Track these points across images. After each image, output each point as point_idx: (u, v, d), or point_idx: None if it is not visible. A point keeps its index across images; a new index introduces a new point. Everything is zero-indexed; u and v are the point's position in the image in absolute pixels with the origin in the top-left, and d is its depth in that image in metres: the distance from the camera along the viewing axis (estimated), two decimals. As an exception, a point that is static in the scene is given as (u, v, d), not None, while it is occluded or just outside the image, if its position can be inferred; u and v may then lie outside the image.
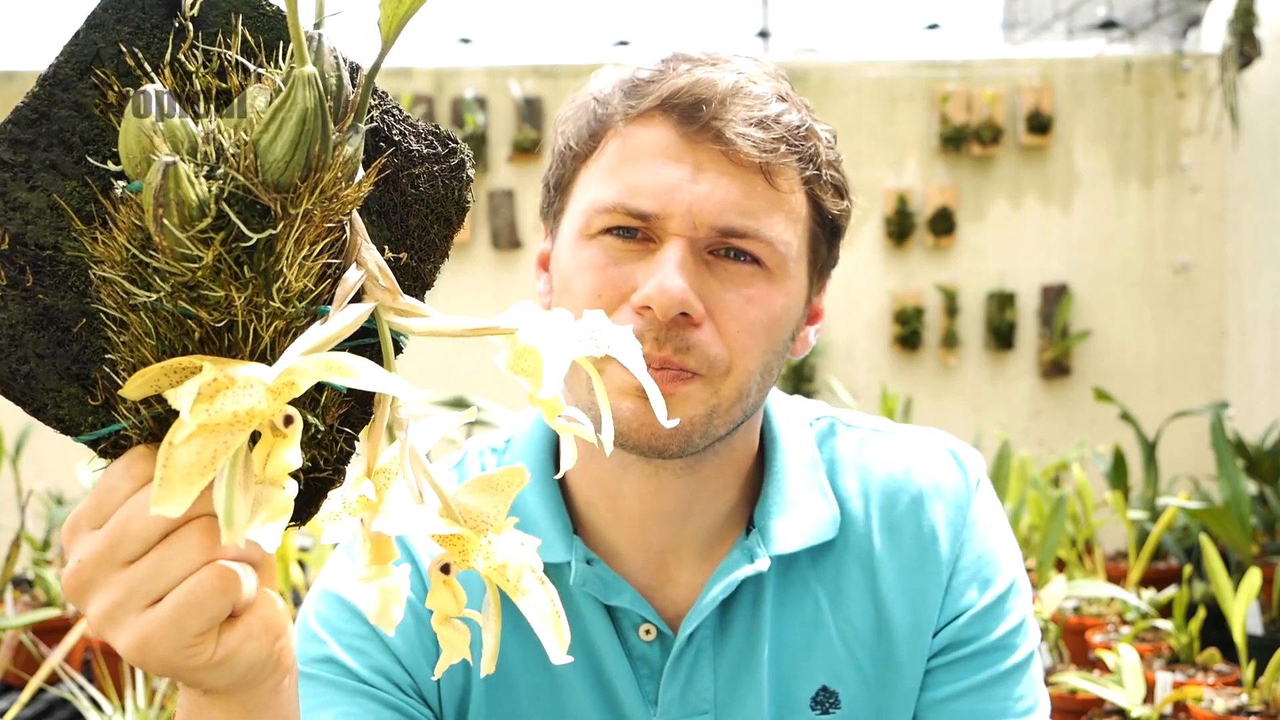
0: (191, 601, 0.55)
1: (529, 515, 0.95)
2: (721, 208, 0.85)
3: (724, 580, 0.92)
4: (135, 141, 0.54)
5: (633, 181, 0.86)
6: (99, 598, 0.56)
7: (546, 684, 0.95)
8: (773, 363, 0.90)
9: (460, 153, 0.63)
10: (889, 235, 4.40)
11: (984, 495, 1.00)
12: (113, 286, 0.55)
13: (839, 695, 0.95)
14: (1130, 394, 4.20)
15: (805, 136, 0.89)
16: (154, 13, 0.58)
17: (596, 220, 0.88)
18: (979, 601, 0.96)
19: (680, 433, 0.87)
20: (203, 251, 0.52)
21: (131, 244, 0.54)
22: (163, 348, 0.54)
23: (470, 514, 0.55)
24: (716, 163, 0.86)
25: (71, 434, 0.58)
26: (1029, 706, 0.96)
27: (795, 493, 0.96)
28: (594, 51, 4.49)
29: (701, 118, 0.85)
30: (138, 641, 0.55)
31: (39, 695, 2.29)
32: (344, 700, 0.91)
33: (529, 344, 0.56)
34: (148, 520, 0.55)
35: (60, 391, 0.57)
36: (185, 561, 0.55)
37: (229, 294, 0.53)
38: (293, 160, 0.53)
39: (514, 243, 4.39)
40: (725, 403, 0.87)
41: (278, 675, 0.62)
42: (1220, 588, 2.05)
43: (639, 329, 0.84)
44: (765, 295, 0.87)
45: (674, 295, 0.83)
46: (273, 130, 0.53)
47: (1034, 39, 4.58)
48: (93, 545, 0.56)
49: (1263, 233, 4.08)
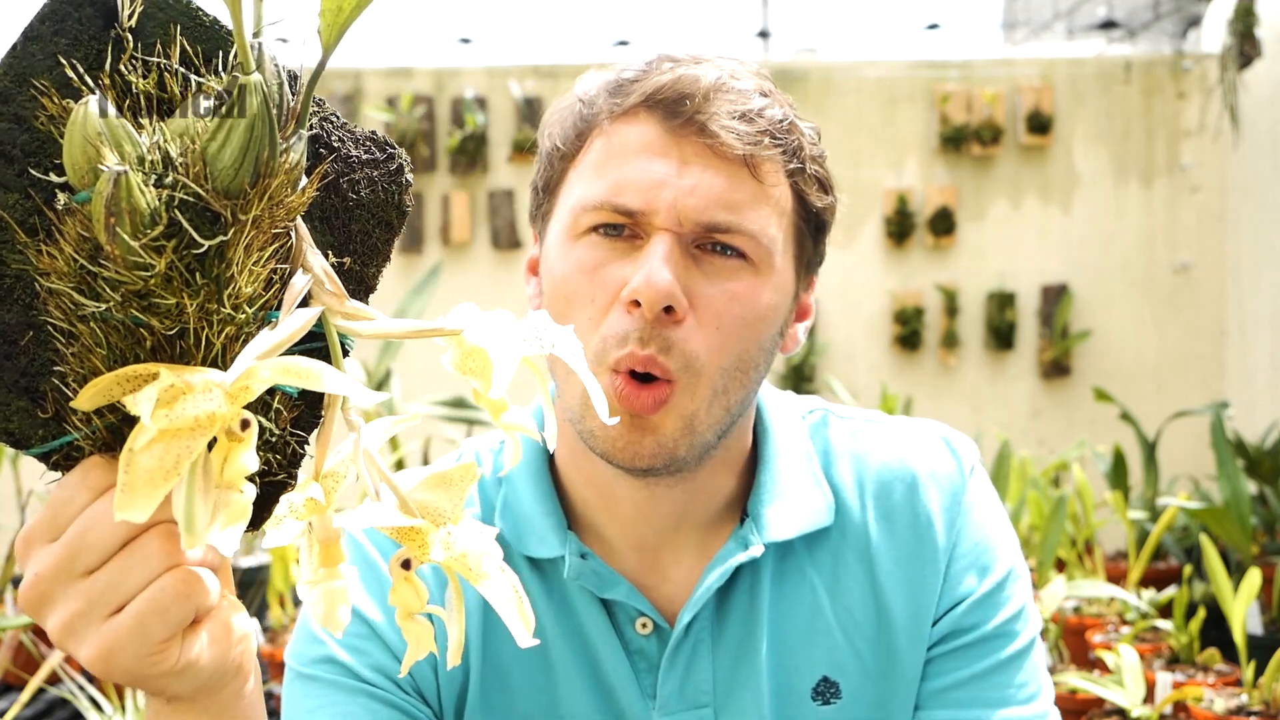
0: (154, 608, 0.55)
1: (524, 510, 0.95)
2: (706, 202, 0.85)
3: (719, 568, 0.93)
4: (81, 152, 0.54)
5: (619, 178, 0.87)
6: (58, 610, 0.56)
7: (544, 680, 0.95)
8: (757, 358, 0.90)
9: (398, 158, 0.64)
10: (889, 235, 4.40)
11: (978, 482, 1.00)
12: (60, 298, 0.54)
13: (840, 685, 0.95)
14: (1130, 394, 4.20)
15: (788, 130, 0.89)
16: (91, 24, 0.58)
17: (584, 218, 0.88)
18: (978, 589, 0.96)
19: (664, 452, 0.86)
20: (155, 260, 0.52)
21: (79, 254, 0.53)
22: (114, 357, 0.54)
23: (426, 509, 0.56)
24: (701, 156, 0.86)
25: (22, 447, 0.57)
26: (1031, 694, 0.96)
27: (788, 482, 0.96)
28: (594, 51, 4.49)
29: (685, 112, 0.86)
30: (101, 652, 0.55)
31: (39, 695, 2.29)
32: (344, 699, 0.91)
33: (477, 344, 0.57)
34: (107, 529, 0.54)
35: (10, 405, 0.57)
36: (146, 569, 0.55)
37: (181, 301, 0.53)
38: (242, 167, 0.54)
39: (514, 243, 4.39)
40: (702, 405, 0.87)
41: (240, 679, 0.62)
42: (1220, 588, 2.05)
43: (627, 329, 0.84)
44: (749, 290, 0.87)
45: (660, 289, 0.83)
46: (221, 137, 0.53)
47: (1034, 39, 4.58)
48: (50, 557, 0.55)
49: (1263, 233, 4.08)
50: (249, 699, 0.64)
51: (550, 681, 0.95)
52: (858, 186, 4.36)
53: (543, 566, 0.96)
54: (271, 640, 2.46)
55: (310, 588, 0.55)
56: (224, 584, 0.61)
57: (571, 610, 0.95)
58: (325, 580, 0.55)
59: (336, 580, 0.55)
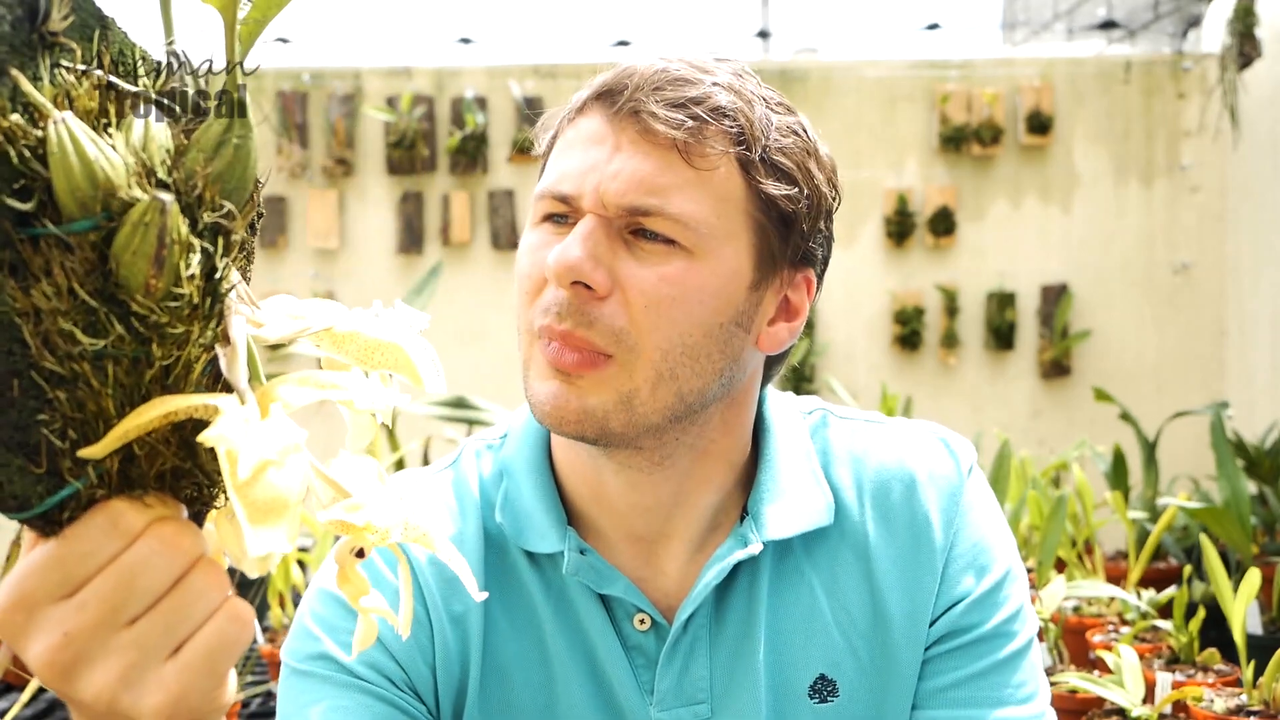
0: (223, 642, 0.53)
1: (524, 506, 0.96)
2: (628, 186, 0.86)
3: (718, 565, 0.93)
4: (84, 177, 0.48)
5: (563, 168, 0.90)
6: (104, 666, 0.51)
7: (542, 676, 0.95)
8: (706, 346, 0.88)
9: None
10: (889, 235, 4.40)
11: (976, 482, 1.00)
12: (54, 338, 0.49)
13: (837, 684, 0.95)
14: (1130, 394, 4.20)
15: (733, 116, 0.88)
16: (20, 27, 0.51)
17: (537, 208, 0.92)
18: (975, 589, 0.96)
19: (592, 420, 0.86)
20: (189, 287, 0.50)
21: (83, 289, 0.48)
22: (120, 395, 0.50)
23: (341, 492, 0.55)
24: (634, 142, 0.87)
25: (25, 510, 0.51)
26: (1029, 694, 0.96)
27: (788, 480, 0.97)
28: (594, 51, 4.49)
29: (622, 99, 0.88)
30: (172, 697, 0.52)
31: (39, 695, 2.29)
32: (338, 695, 0.91)
33: (380, 338, 0.57)
34: (160, 572, 0.51)
35: (9, 465, 0.50)
36: (206, 604, 0.52)
37: (189, 329, 0.51)
38: (245, 186, 0.53)
39: (514, 243, 4.38)
40: (642, 385, 0.87)
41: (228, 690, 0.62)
42: (1220, 588, 2.05)
43: (548, 302, 0.87)
44: (680, 274, 0.87)
45: (567, 262, 0.85)
46: (228, 153, 0.52)
47: (1034, 39, 4.58)
48: (83, 614, 0.51)
49: (1263, 233, 4.08)
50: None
51: (548, 677, 0.95)
52: (858, 186, 4.36)
53: (541, 562, 0.96)
54: (271, 640, 2.46)
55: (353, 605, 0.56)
56: None
57: (570, 606, 0.95)
58: (358, 594, 0.55)
59: (369, 595, 0.55)
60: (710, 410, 0.93)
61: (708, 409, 0.92)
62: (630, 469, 0.92)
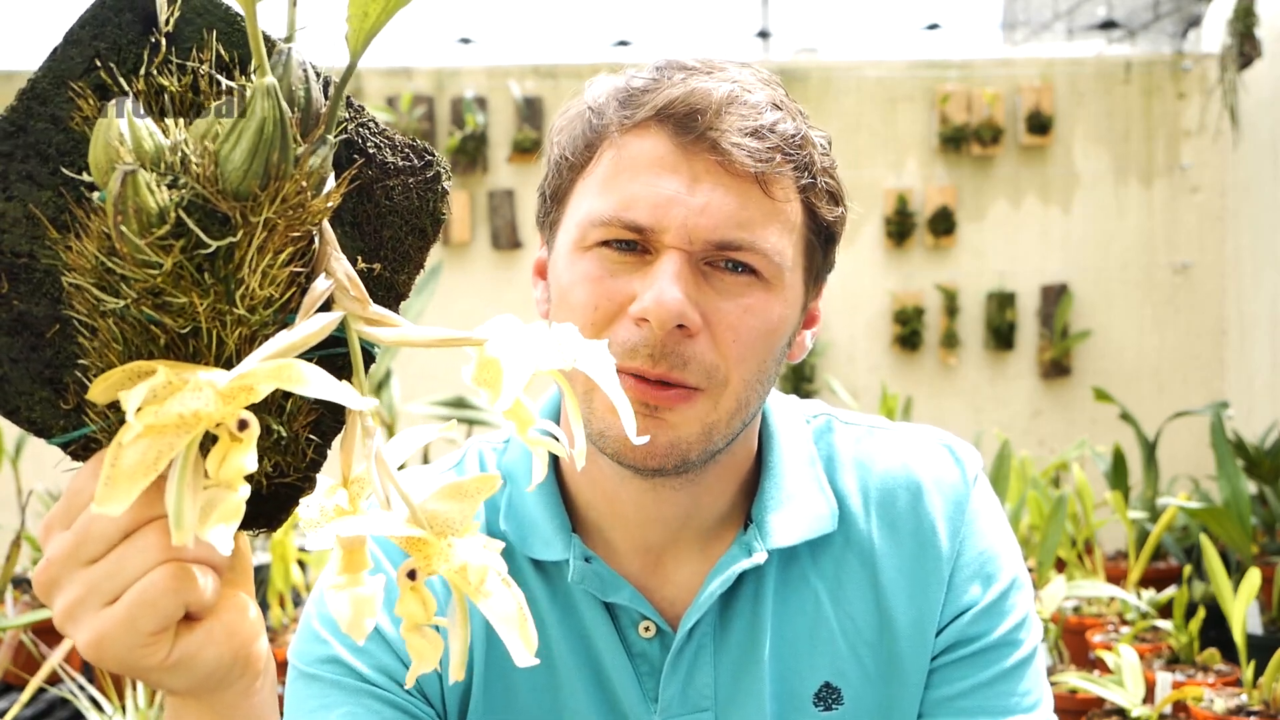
0: (144, 600, 0.56)
1: (529, 513, 0.95)
2: (717, 221, 0.85)
3: (722, 574, 0.93)
4: (103, 152, 0.55)
5: (628, 194, 0.86)
6: (62, 595, 0.58)
7: (547, 682, 0.95)
8: (770, 370, 0.90)
9: (436, 165, 0.65)
10: (889, 235, 4.40)
11: (981, 490, 1.00)
12: (83, 293, 0.56)
13: (842, 692, 0.95)
14: (1130, 394, 4.20)
15: (800, 145, 0.88)
16: (130, 29, 0.59)
17: (592, 233, 0.87)
18: (982, 599, 0.96)
19: (676, 451, 0.86)
20: (162, 258, 0.53)
21: (100, 251, 0.55)
22: (129, 353, 0.55)
23: (436, 519, 0.55)
24: (712, 173, 0.85)
25: (44, 436, 0.59)
26: (1034, 702, 0.96)
27: (792, 487, 0.96)
28: (594, 51, 4.49)
29: (697, 127, 0.85)
30: (94, 639, 0.57)
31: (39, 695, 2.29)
32: (348, 700, 0.91)
33: (492, 356, 0.56)
34: (109, 520, 0.56)
35: (33, 395, 0.59)
36: (142, 561, 0.56)
37: (191, 300, 0.54)
38: (250, 169, 0.54)
39: (514, 243, 4.39)
40: (724, 417, 0.87)
41: (247, 678, 0.62)
42: (1220, 588, 2.05)
43: (635, 342, 0.84)
44: (762, 305, 0.87)
45: (671, 308, 0.83)
46: (233, 140, 0.54)
47: (1034, 39, 4.58)
48: (61, 544, 0.58)
49: (1263, 233, 4.08)
50: (260, 697, 0.64)
51: (553, 683, 0.95)
52: (858, 186, 4.36)
53: (547, 569, 0.96)
54: (272, 640, 2.46)
55: (337, 592, 0.55)
56: (239, 584, 0.61)
57: (575, 613, 0.95)
58: (351, 586, 0.55)
59: (363, 587, 0.55)
60: None
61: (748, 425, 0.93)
62: (663, 486, 0.92)
